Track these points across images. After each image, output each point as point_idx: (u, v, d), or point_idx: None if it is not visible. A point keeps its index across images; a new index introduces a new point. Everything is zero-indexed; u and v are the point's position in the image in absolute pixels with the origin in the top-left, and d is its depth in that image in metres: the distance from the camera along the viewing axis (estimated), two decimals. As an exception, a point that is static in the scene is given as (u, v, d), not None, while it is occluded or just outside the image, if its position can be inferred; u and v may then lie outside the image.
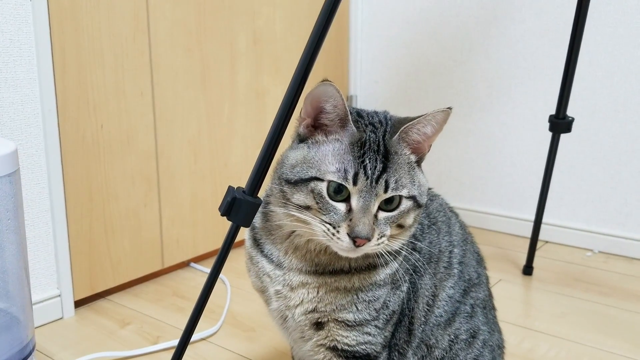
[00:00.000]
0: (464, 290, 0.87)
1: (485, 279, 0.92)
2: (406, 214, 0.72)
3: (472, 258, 0.90)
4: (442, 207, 0.90)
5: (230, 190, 0.76)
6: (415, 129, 0.73)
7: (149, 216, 1.61)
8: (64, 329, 1.38)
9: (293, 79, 0.77)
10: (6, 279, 0.87)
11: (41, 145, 1.35)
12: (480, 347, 0.87)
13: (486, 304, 0.91)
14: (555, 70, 1.82)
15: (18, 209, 0.86)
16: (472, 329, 0.86)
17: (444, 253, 0.86)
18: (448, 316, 0.85)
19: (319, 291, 0.78)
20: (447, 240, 0.87)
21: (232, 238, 0.75)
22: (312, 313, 0.80)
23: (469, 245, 0.91)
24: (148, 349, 1.26)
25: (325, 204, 0.68)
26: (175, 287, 1.61)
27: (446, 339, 0.84)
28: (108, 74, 1.46)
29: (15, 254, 0.86)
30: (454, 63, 2.04)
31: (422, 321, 0.83)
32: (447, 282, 0.85)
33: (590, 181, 1.84)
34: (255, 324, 1.38)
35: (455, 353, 0.84)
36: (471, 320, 0.86)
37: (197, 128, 1.70)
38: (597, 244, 1.85)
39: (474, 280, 0.88)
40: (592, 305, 1.49)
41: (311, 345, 0.84)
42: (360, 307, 0.78)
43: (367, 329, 0.79)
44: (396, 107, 2.20)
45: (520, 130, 1.94)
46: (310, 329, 0.82)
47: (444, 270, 0.85)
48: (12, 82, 1.29)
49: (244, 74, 1.82)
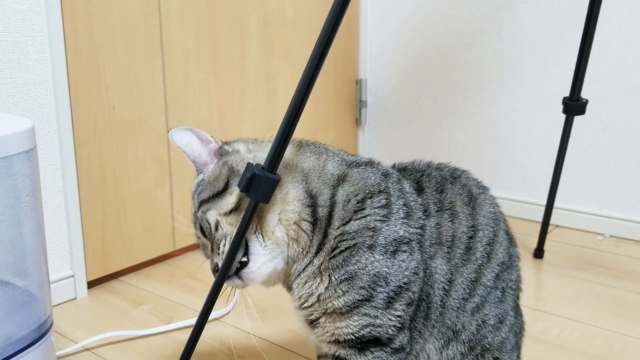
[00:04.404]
0: (496, 275, 0.84)
1: (516, 259, 0.90)
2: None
3: (504, 238, 0.87)
4: (465, 188, 0.87)
5: (249, 166, 0.76)
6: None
7: (161, 198, 1.61)
8: (77, 309, 1.39)
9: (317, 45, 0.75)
10: (24, 256, 0.87)
11: (54, 127, 1.35)
12: (506, 332, 0.86)
13: (517, 285, 0.89)
14: (568, 53, 1.81)
15: (36, 186, 0.86)
16: (500, 314, 0.84)
17: (460, 239, 0.82)
18: (478, 302, 0.82)
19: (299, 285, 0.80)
20: (466, 225, 0.83)
21: (251, 215, 0.75)
22: (303, 310, 0.81)
23: (501, 224, 0.88)
24: (162, 328, 1.27)
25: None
26: (187, 268, 1.62)
27: (474, 324, 0.82)
28: (119, 55, 1.46)
29: (34, 230, 0.86)
30: (465, 46, 2.02)
31: (439, 305, 0.82)
32: (467, 268, 0.82)
33: (602, 165, 1.83)
34: (267, 305, 1.39)
35: (483, 335, 0.83)
36: (501, 305, 0.84)
37: (208, 111, 1.70)
38: (608, 228, 1.84)
39: (507, 263, 0.86)
40: (603, 288, 1.49)
41: (314, 339, 0.84)
42: (344, 287, 0.76)
43: (364, 311, 0.76)
44: (406, 90, 2.19)
45: (532, 114, 1.93)
46: (307, 326, 0.82)
47: (461, 256, 0.82)
48: (24, 63, 1.29)
49: (254, 57, 1.81)
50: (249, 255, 0.79)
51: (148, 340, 1.24)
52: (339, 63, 2.18)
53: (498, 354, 0.85)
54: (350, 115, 2.28)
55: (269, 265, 0.80)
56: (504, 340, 0.86)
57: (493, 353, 0.85)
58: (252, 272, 0.79)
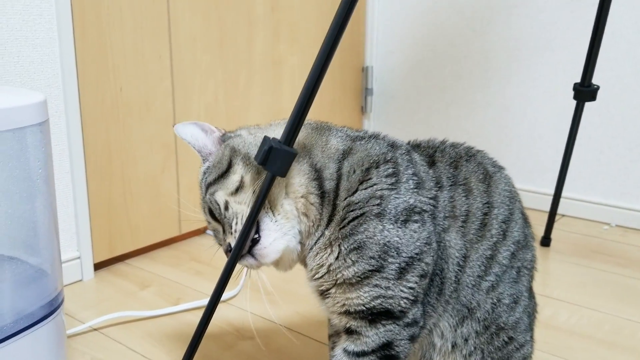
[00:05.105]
0: (512, 254, 0.83)
1: (532, 239, 0.89)
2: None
3: (520, 217, 0.86)
4: (480, 166, 0.86)
5: (266, 139, 0.75)
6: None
7: (167, 182, 1.60)
8: (84, 290, 1.38)
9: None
10: (36, 230, 0.86)
11: (61, 106, 1.34)
12: (521, 312, 0.85)
13: (532, 265, 0.89)
14: (577, 41, 1.80)
15: (48, 160, 0.85)
16: (515, 295, 0.84)
17: (474, 214, 0.81)
18: (493, 281, 0.81)
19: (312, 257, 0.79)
20: (481, 201, 0.82)
21: (267, 188, 0.74)
22: (314, 281, 0.80)
23: (517, 203, 0.87)
24: (170, 309, 1.26)
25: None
26: (193, 252, 1.61)
27: (489, 303, 0.82)
28: (127, 35, 1.44)
29: (45, 205, 0.85)
30: (473, 33, 2.01)
31: (453, 281, 0.81)
32: (482, 244, 0.81)
33: (609, 154, 1.82)
34: (274, 288, 1.38)
35: (497, 314, 0.82)
36: (515, 285, 0.84)
37: (214, 95, 1.69)
38: (614, 217, 1.84)
39: (522, 242, 0.85)
40: (610, 276, 1.49)
41: (325, 311, 0.83)
42: (353, 257, 0.76)
43: (374, 281, 0.75)
44: (412, 78, 2.18)
45: (540, 103, 1.92)
46: (318, 297, 0.82)
47: (476, 232, 0.82)
48: (32, 41, 1.27)
49: (261, 42, 1.80)
50: (260, 232, 0.79)
51: (156, 321, 1.24)
52: (345, 50, 2.17)
53: (512, 334, 0.85)
54: (355, 103, 2.27)
55: (281, 241, 0.79)
56: (518, 320, 0.86)
57: (507, 332, 0.84)
58: (264, 248, 0.79)
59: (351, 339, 0.79)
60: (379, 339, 0.77)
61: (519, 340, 0.86)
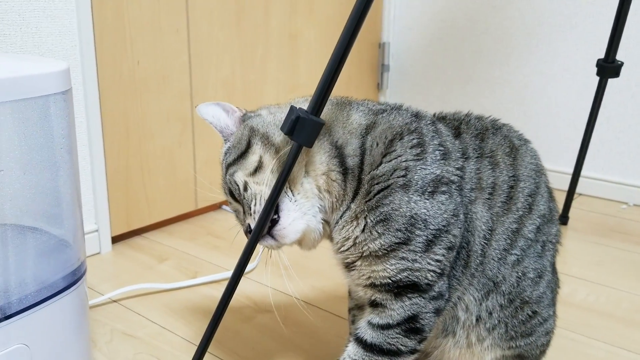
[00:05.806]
0: (537, 228, 0.82)
1: (556, 213, 0.88)
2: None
3: (545, 191, 0.86)
4: (507, 139, 0.85)
5: (293, 109, 0.74)
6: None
7: (184, 157, 1.60)
8: (102, 263, 1.39)
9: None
10: (59, 199, 0.86)
11: (79, 79, 1.33)
12: (544, 287, 0.85)
13: (557, 240, 0.88)
14: (599, 18, 1.76)
15: (71, 130, 0.85)
16: (539, 269, 0.83)
17: (500, 187, 0.80)
18: (518, 255, 0.81)
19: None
20: (507, 174, 0.81)
21: (294, 158, 0.74)
22: (340, 253, 0.80)
23: (543, 177, 0.86)
24: (189, 282, 1.27)
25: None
26: (209, 227, 1.61)
27: (514, 276, 0.81)
28: (145, 8, 1.43)
29: (69, 175, 0.85)
30: (492, 9, 1.97)
31: (479, 254, 0.80)
32: (508, 217, 0.80)
33: (629, 133, 1.80)
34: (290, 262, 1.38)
35: (522, 288, 0.82)
36: (540, 260, 0.83)
37: (231, 69, 1.67)
38: (632, 196, 1.82)
39: (547, 216, 0.84)
40: (628, 255, 1.48)
41: (350, 283, 0.83)
42: (380, 229, 0.75)
43: (401, 254, 0.75)
44: (430, 55, 2.15)
45: (560, 80, 1.89)
46: (343, 269, 0.82)
47: (502, 205, 0.81)
48: (50, 12, 1.26)
49: (278, 16, 1.77)
50: (279, 212, 0.78)
51: (174, 294, 1.25)
52: (362, 26, 2.14)
53: (536, 308, 0.84)
54: (371, 80, 2.25)
55: (300, 221, 0.79)
56: (542, 295, 0.85)
57: (532, 307, 0.84)
58: (283, 229, 0.78)
59: (376, 312, 0.79)
60: (404, 312, 0.77)
61: (543, 315, 0.86)
